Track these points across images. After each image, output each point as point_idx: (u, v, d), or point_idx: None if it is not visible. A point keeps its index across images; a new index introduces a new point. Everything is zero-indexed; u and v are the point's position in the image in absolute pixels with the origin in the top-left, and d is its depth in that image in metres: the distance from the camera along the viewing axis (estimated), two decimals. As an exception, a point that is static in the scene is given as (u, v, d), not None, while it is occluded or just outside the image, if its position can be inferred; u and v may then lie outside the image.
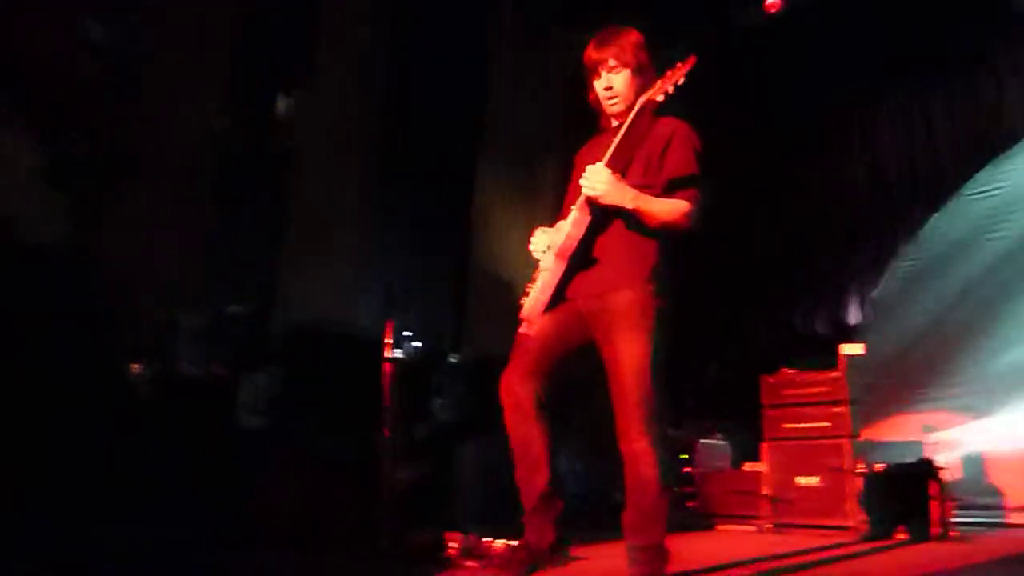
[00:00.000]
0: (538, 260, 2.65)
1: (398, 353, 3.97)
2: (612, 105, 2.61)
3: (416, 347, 5.26)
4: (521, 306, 2.62)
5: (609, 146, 2.49)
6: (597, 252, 2.53)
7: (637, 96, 2.53)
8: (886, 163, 7.23)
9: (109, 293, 3.97)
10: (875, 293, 7.12)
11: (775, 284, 7.78)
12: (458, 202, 6.96)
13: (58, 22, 3.74)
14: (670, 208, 2.46)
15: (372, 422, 3.82)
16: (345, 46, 5.89)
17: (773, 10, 7.10)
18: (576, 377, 2.60)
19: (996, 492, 5.70)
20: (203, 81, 4.97)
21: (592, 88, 2.65)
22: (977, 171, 6.65)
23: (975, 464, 5.85)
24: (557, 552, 2.41)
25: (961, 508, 5.05)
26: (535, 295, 2.58)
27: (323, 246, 5.61)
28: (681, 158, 2.52)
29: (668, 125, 2.58)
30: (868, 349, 5.63)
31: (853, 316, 7.22)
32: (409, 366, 4.80)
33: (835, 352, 5.43)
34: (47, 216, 3.75)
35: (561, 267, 2.53)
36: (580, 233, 2.50)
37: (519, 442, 2.44)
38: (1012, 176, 6.51)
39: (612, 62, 2.58)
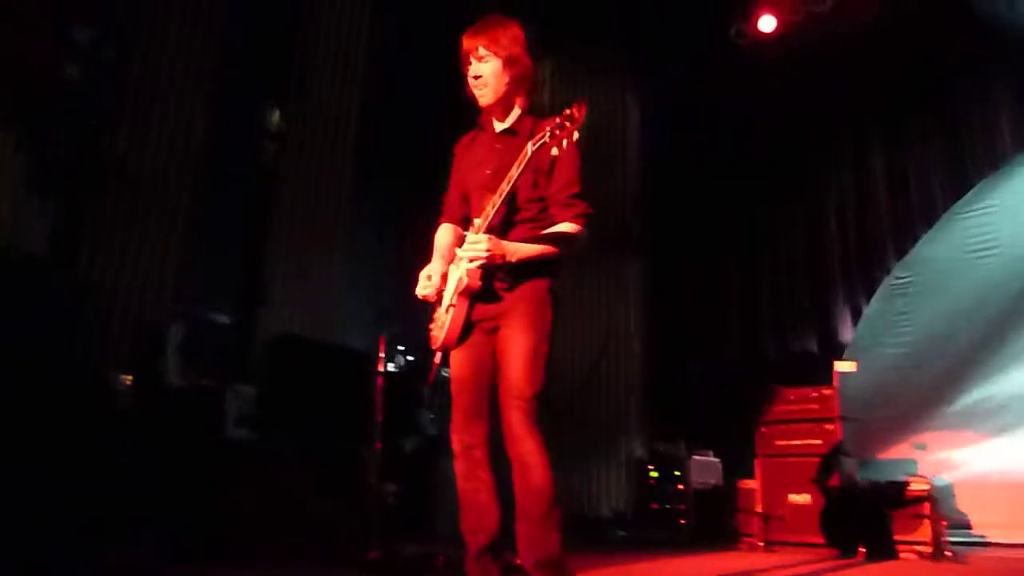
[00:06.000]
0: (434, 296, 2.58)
1: (390, 367, 3.94)
2: (481, 95, 2.52)
3: (408, 361, 5.23)
4: (432, 340, 2.55)
5: (489, 158, 2.50)
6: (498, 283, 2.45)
7: (507, 88, 2.51)
8: (877, 183, 7.25)
9: (90, 301, 3.93)
10: (867, 310, 7.11)
11: (768, 301, 7.78)
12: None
13: (42, 26, 3.72)
14: (553, 241, 2.41)
15: (360, 435, 3.78)
16: (329, 57, 5.91)
17: (767, 30, 7.18)
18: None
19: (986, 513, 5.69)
20: (187, 90, 4.94)
21: (467, 80, 2.54)
22: (967, 191, 6.69)
23: (968, 483, 5.83)
24: None
25: (955, 528, 5.03)
26: (447, 328, 2.48)
27: (311, 258, 5.59)
28: (569, 176, 2.46)
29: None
30: (861, 367, 5.62)
31: (846, 334, 7.20)
32: (400, 379, 4.77)
33: (828, 369, 5.42)
34: (27, 222, 3.72)
35: (466, 304, 2.47)
36: (477, 283, 2.41)
37: (468, 489, 2.38)
38: (1001, 197, 6.55)
39: (482, 51, 2.49)
